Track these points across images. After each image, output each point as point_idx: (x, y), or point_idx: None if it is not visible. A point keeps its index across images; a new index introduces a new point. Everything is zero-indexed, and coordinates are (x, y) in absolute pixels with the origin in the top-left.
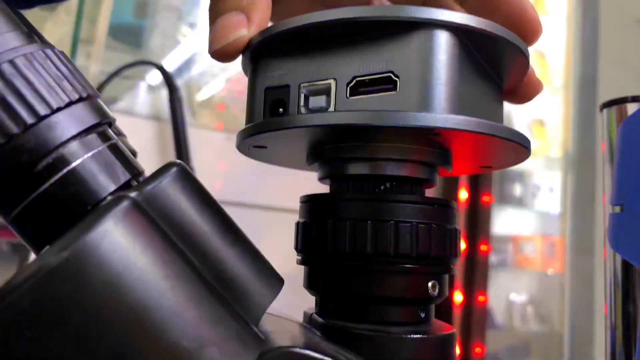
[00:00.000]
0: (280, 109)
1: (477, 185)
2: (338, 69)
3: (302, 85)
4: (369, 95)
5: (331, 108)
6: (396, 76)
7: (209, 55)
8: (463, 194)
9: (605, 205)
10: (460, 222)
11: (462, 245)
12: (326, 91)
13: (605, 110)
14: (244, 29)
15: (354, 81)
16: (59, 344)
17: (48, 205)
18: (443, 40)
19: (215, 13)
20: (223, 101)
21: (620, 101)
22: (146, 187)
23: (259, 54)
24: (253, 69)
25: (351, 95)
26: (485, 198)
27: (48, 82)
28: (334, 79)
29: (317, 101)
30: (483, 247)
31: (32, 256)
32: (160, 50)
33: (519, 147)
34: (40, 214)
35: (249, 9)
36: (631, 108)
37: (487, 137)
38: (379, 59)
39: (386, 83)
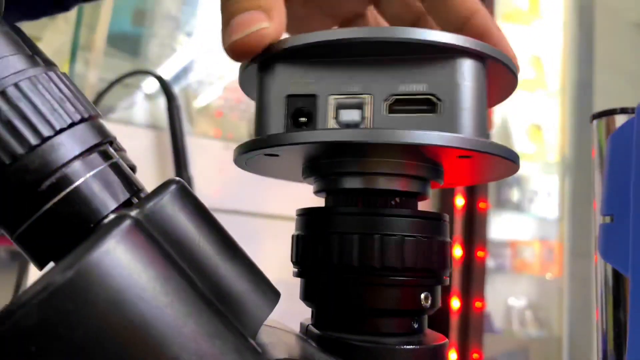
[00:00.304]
0: (303, 119)
1: (473, 191)
2: (374, 84)
3: (331, 96)
4: (407, 115)
5: (367, 124)
6: (438, 99)
7: (224, 50)
8: (459, 201)
9: (596, 214)
10: (457, 229)
11: (459, 252)
12: (359, 106)
13: (595, 122)
14: (265, 22)
15: (393, 99)
16: (64, 359)
17: (52, 224)
18: (479, 68)
19: (230, 13)
20: (220, 109)
21: (609, 112)
22: (146, 205)
23: (277, 59)
24: (268, 74)
25: (389, 112)
26: (481, 205)
27: (51, 104)
28: (370, 94)
29: (350, 115)
30: (480, 254)
31: (32, 265)
32: (157, 58)
33: (509, 162)
34: (44, 232)
35: (268, 8)
36: (620, 120)
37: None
38: (419, 80)
39: (425, 104)
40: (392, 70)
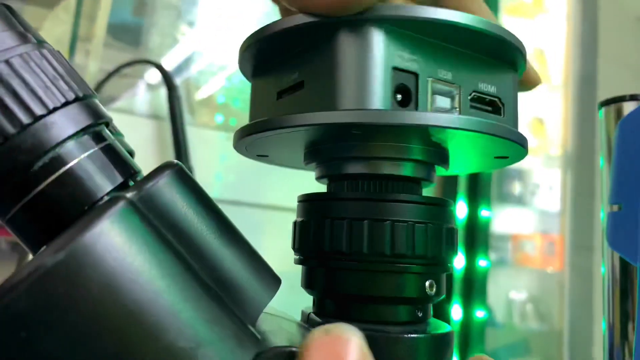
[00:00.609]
0: (399, 96)
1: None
2: (462, 76)
3: (430, 79)
4: (480, 112)
5: (457, 113)
6: (501, 103)
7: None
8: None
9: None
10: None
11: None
12: (451, 94)
13: (603, 109)
14: None
15: (474, 95)
16: (56, 344)
17: (44, 206)
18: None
19: None
20: (222, 99)
21: (618, 100)
22: (142, 187)
23: (384, 23)
24: (366, 39)
25: (470, 107)
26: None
27: (44, 82)
28: (460, 86)
29: (445, 102)
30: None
31: (31, 255)
32: (158, 49)
33: (517, 145)
34: (36, 214)
35: None
36: (629, 107)
37: (485, 136)
38: (492, 82)
39: (491, 105)
40: (475, 66)
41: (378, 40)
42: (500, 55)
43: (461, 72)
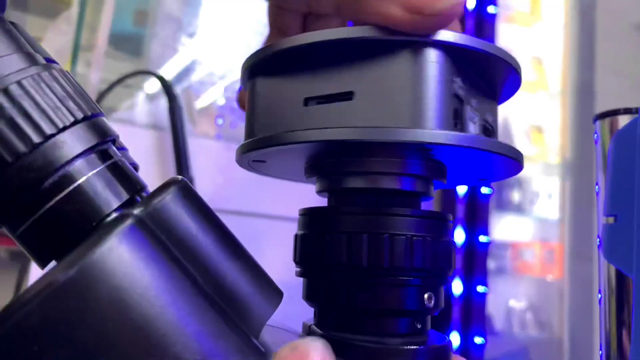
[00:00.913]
0: (454, 120)
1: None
2: (481, 106)
3: (468, 107)
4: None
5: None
6: (493, 130)
7: (421, 19)
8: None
9: (598, 216)
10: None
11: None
12: (473, 120)
13: (598, 122)
14: None
15: (483, 122)
16: (67, 357)
17: (54, 222)
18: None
19: None
20: (222, 109)
21: (613, 113)
22: (149, 203)
23: (445, 50)
24: (427, 58)
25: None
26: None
27: (54, 102)
28: (479, 115)
29: (472, 128)
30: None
31: (32, 264)
32: (159, 59)
33: (513, 161)
34: (46, 230)
35: None
36: (623, 120)
37: (481, 153)
38: (491, 111)
39: (488, 132)
40: (485, 96)
41: (437, 61)
42: (496, 81)
43: (480, 102)
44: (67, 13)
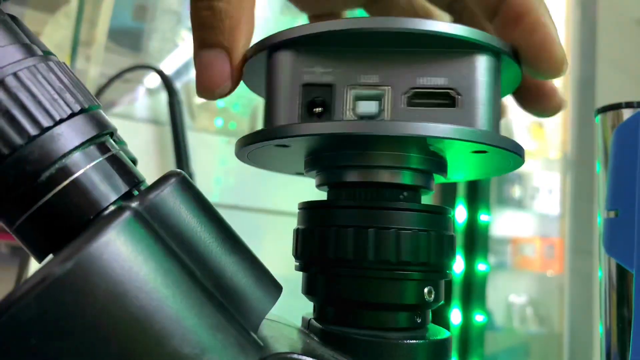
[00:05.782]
0: (318, 109)
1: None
2: (393, 76)
3: (348, 87)
4: (426, 108)
5: (386, 116)
6: (458, 94)
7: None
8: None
9: (597, 211)
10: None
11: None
12: (377, 97)
13: (599, 116)
14: (227, 83)
15: (412, 92)
16: (64, 352)
17: (51, 215)
18: (495, 63)
19: (200, 43)
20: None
21: (614, 107)
22: (147, 196)
23: (290, 47)
24: (280, 63)
25: (408, 105)
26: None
27: (51, 94)
28: (389, 86)
29: (368, 107)
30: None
31: (32, 259)
32: (159, 53)
33: (514, 155)
34: (43, 224)
35: (230, 45)
36: (625, 114)
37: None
38: (438, 74)
39: (444, 98)
40: (411, 62)
41: (285, 63)
42: (449, 44)
43: (395, 72)
44: (67, 7)
